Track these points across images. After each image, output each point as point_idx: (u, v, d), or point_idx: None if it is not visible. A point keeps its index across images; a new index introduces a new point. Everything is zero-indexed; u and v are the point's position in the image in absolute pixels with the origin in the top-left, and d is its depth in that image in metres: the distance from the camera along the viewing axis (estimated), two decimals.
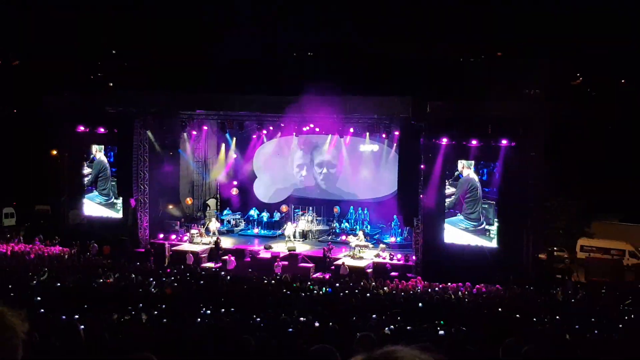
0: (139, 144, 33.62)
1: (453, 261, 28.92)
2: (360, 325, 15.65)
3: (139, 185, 33.86)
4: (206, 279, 27.04)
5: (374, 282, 27.07)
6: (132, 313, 16.69)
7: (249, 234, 36.23)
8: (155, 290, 23.88)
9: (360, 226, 34.86)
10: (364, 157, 35.37)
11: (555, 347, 11.74)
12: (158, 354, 3.39)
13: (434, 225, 30.12)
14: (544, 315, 20.57)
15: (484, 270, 28.01)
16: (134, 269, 28.96)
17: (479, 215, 29.47)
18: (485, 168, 29.40)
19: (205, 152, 39.21)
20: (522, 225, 28.99)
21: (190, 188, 38.67)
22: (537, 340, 11.29)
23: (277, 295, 23.21)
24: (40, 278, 23.30)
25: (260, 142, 37.75)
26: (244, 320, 16.04)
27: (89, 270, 27.53)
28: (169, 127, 34.18)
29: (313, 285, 26.20)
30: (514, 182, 28.88)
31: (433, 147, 29.70)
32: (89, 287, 23.70)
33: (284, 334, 12.18)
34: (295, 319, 17.09)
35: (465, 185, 29.55)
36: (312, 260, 30.90)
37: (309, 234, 34.96)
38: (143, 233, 34.30)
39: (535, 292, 26.43)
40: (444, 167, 29.74)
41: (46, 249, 32.76)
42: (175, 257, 32.65)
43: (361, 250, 31.37)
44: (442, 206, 30.00)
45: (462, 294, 25.66)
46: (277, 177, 38.00)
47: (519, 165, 28.76)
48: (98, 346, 6.57)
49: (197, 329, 10.69)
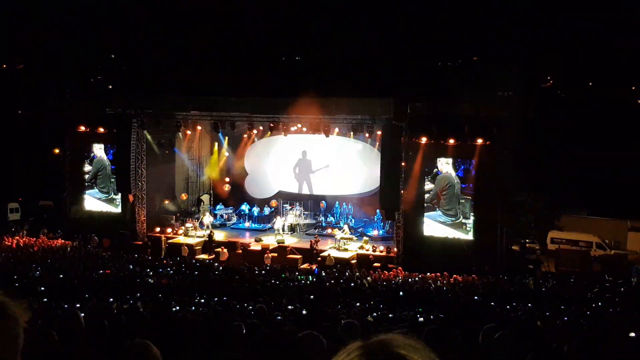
0: (136, 143, 33.52)
1: (432, 253, 29.01)
2: (344, 312, 15.65)
3: (136, 181, 33.75)
4: (200, 269, 27.02)
5: (358, 273, 27.11)
6: (131, 302, 16.65)
7: (241, 227, 36.19)
8: (152, 281, 23.84)
9: (345, 220, 34.88)
10: (348, 155, 35.38)
11: (526, 332, 11.79)
12: (154, 340, 3.36)
13: (414, 219, 30.19)
14: (517, 303, 20.66)
15: (460, 261, 28.13)
16: (132, 260, 28.91)
17: (456, 211, 29.54)
18: (462, 165, 29.49)
19: (199, 151, 39.19)
20: (495, 219, 29.08)
21: (185, 184, 38.63)
22: (510, 326, 11.32)
23: (267, 285, 23.20)
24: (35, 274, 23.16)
25: (251, 141, 37.73)
26: (236, 307, 16.03)
27: (90, 262, 27.46)
28: (165, 127, 34.12)
29: (301, 276, 26.24)
30: (489, 178, 28.98)
31: (413, 145, 29.75)
32: (89, 277, 23.62)
33: (273, 321, 12.15)
34: (284, 307, 17.09)
35: (443, 182, 29.61)
36: (300, 252, 30.90)
37: (297, 227, 34.96)
38: (141, 227, 34.21)
39: (509, 281, 26.54)
40: (423, 164, 29.81)
41: (49, 242, 32.64)
42: (171, 249, 32.62)
43: (346, 243, 31.41)
44: (422, 201, 30.06)
45: (441, 283, 25.76)
46: (267, 174, 37.97)
47: (493, 162, 28.85)
48: (98, 333, 6.53)
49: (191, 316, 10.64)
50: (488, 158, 28.83)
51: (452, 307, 19.42)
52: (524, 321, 15.26)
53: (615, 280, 27.63)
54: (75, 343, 5.89)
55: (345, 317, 12.79)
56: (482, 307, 19.71)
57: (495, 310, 18.64)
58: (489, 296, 22.39)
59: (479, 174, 29.08)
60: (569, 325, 15.40)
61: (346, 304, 19.29)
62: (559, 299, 22.53)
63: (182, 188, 38.19)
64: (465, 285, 25.18)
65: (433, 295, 22.55)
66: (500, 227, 29.15)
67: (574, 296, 23.29)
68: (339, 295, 21.56)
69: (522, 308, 19.27)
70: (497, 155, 28.83)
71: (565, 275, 28.93)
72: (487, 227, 29.14)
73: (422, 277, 26.78)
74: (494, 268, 27.94)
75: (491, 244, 29.07)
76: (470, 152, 29.03)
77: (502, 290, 24.32)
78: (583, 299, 22.74)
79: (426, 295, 22.50)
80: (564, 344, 6.06)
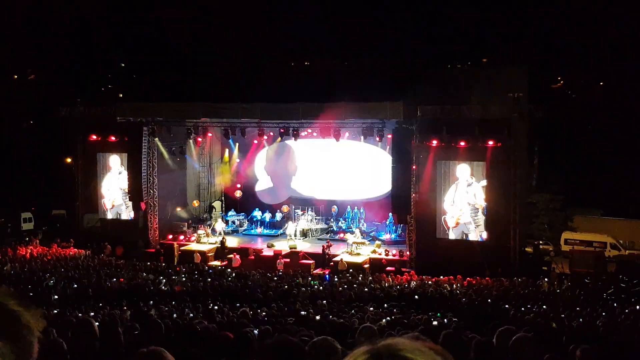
0: (147, 151, 33.64)
1: (445, 256, 28.91)
2: (358, 317, 15.62)
3: (148, 189, 33.85)
4: (213, 276, 27.05)
5: (371, 277, 27.06)
6: (144, 310, 16.67)
7: (253, 233, 36.23)
8: (166, 288, 23.88)
9: (357, 224, 34.85)
10: (359, 160, 35.33)
11: (542, 334, 11.72)
12: (168, 348, 3.35)
13: (426, 222, 30.10)
14: (532, 305, 20.55)
15: (474, 263, 28.03)
16: (145, 268, 28.98)
17: (469, 214, 29.49)
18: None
19: (210, 157, 39.27)
20: (508, 221, 28.97)
21: (197, 191, 38.71)
22: (526, 329, 11.26)
23: (280, 291, 23.19)
24: (50, 282, 23.22)
25: (262, 147, 37.77)
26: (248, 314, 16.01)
27: (103, 270, 27.55)
28: (175, 134, 34.24)
29: (314, 281, 26.22)
30: (501, 180, 28.90)
31: (424, 148, 29.70)
32: (103, 286, 23.69)
33: (286, 326, 12.14)
34: (297, 312, 17.08)
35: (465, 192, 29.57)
36: (312, 257, 30.90)
37: (308, 232, 34.95)
38: (153, 234, 34.28)
39: (523, 283, 26.41)
40: (434, 167, 29.75)
41: (62, 251, 32.78)
42: (183, 256, 32.67)
43: (358, 247, 31.38)
44: (434, 204, 29.98)
45: (454, 286, 25.67)
46: (278, 179, 38.00)
47: (504, 164, 28.77)
48: (112, 341, 6.53)
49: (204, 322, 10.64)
50: (499, 159, 28.75)
51: (466, 310, 19.35)
52: (539, 323, 15.18)
53: (631, 280, 27.42)
54: (90, 352, 5.89)
55: (358, 322, 12.76)
56: (496, 309, 19.61)
57: (509, 313, 18.54)
58: (503, 298, 22.29)
59: (491, 176, 28.99)
60: (584, 326, 15.30)
61: (359, 308, 19.25)
62: (574, 300, 22.39)
63: (193, 195, 38.26)
64: (479, 288, 25.07)
65: (447, 299, 22.47)
66: (514, 229, 29.03)
67: (589, 297, 23.14)
68: (352, 300, 21.53)
69: (537, 310, 19.17)
70: (509, 157, 28.74)
71: (580, 277, 28.76)
72: (500, 229, 29.03)
73: (436, 280, 26.71)
74: (507, 270, 27.82)
75: (504, 246, 28.95)
76: (481, 154, 28.95)
77: (516, 293, 24.20)
78: (598, 300, 22.59)
79: (440, 299, 22.42)
80: (578, 347, 6.01)
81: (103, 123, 34.25)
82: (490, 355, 5.41)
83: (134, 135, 33.24)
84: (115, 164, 35.67)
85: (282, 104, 30.62)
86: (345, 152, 35.00)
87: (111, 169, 35.79)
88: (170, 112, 32.62)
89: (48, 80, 50.13)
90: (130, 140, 33.69)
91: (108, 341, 6.43)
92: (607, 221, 40.20)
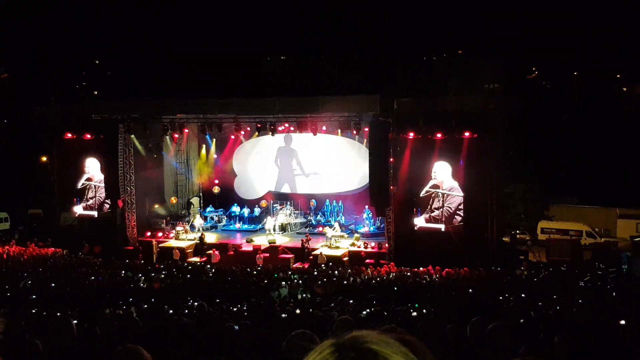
0: (124, 148, 33.38)
1: (423, 247, 29.07)
2: (338, 310, 15.65)
3: (125, 187, 33.61)
4: (192, 272, 26.96)
5: (350, 270, 27.12)
6: (124, 307, 16.58)
7: (232, 229, 36.17)
8: (144, 285, 23.76)
9: (335, 218, 34.92)
10: (337, 153, 35.38)
11: (519, 323, 11.82)
12: (146, 345, 3.35)
13: (404, 214, 30.21)
14: (510, 294, 20.71)
15: (452, 254, 28.19)
16: (123, 266, 28.82)
17: (447, 206, 29.65)
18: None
19: (187, 153, 39.10)
20: (485, 211, 29.17)
21: (174, 188, 38.56)
22: (504, 318, 11.36)
23: (260, 285, 23.17)
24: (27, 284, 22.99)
25: (239, 142, 37.68)
26: (228, 309, 16.00)
27: (81, 269, 27.34)
28: (152, 131, 34.01)
29: (293, 275, 26.21)
30: (477, 171, 29.08)
31: (401, 141, 29.81)
32: (81, 284, 23.51)
33: (266, 321, 12.14)
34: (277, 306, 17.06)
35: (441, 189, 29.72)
36: (292, 251, 30.90)
37: (287, 227, 34.97)
38: (131, 232, 34.08)
39: (501, 272, 26.62)
40: (412, 159, 29.85)
41: (39, 250, 32.49)
42: (162, 253, 32.54)
43: (337, 240, 31.45)
44: (412, 196, 30.08)
45: (433, 277, 25.80)
46: (256, 174, 37.96)
47: (481, 155, 28.95)
48: (90, 340, 6.51)
49: (183, 319, 10.62)
50: (476, 151, 28.92)
51: (445, 301, 19.46)
52: (517, 312, 15.30)
53: (606, 268, 27.77)
54: (68, 350, 5.86)
55: (337, 315, 12.79)
56: (475, 299, 19.74)
57: (488, 302, 18.68)
58: (482, 288, 22.44)
59: (468, 167, 29.16)
60: (561, 314, 15.45)
61: (339, 301, 19.29)
62: (551, 288, 22.60)
63: (171, 192, 38.11)
64: (458, 279, 25.23)
65: (426, 290, 22.57)
66: (491, 219, 29.25)
67: (566, 285, 23.38)
68: (331, 292, 21.56)
69: (515, 299, 19.32)
70: (485, 148, 28.92)
71: (557, 265, 29.06)
72: (477, 220, 29.22)
73: (414, 271, 26.84)
74: (485, 260, 28.02)
75: (482, 236, 29.16)
76: (458, 145, 29.09)
77: (494, 282, 24.38)
78: (574, 288, 22.83)
79: (419, 290, 22.52)
80: (555, 334, 6.07)
81: (78, 121, 33.92)
82: (467, 345, 5.46)
83: (110, 132, 32.92)
84: (91, 161, 35.37)
85: (258, 99, 30.58)
86: (323, 145, 35.01)
87: (87, 167, 35.50)
88: (146, 108, 32.39)
89: (21, 78, 49.62)
90: (106, 138, 33.37)
91: (86, 340, 6.41)
92: (582, 209, 40.65)
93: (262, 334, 6.80)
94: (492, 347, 5.14)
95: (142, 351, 3.17)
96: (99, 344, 6.39)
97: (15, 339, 5.45)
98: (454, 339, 5.88)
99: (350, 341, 1.55)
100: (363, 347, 1.53)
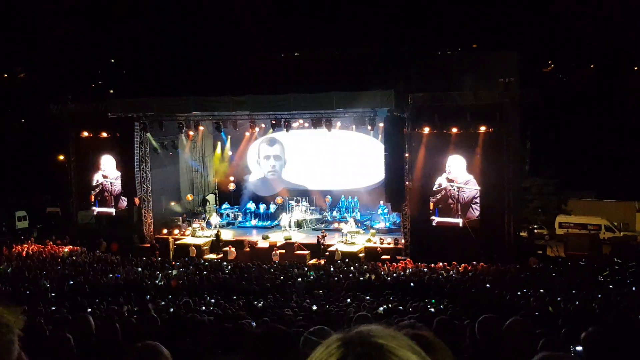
0: (140, 146, 33.54)
1: (439, 242, 28.99)
2: (355, 306, 15.66)
3: (142, 184, 33.79)
4: (209, 269, 27.07)
5: (366, 266, 27.12)
6: (141, 304, 16.68)
7: (247, 225, 36.27)
8: (161, 283, 23.89)
9: (351, 214, 34.90)
10: (352, 149, 35.34)
11: (538, 318, 11.78)
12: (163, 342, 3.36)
13: (420, 209, 30.16)
14: (528, 289, 20.62)
15: (469, 249, 28.11)
16: (140, 263, 28.99)
17: (463, 199, 29.57)
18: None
19: (203, 151, 39.22)
20: (502, 206, 29.05)
21: (190, 185, 38.67)
22: (522, 313, 11.32)
23: (276, 282, 23.22)
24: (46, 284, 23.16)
25: (254, 139, 37.75)
26: (245, 306, 16.04)
27: (99, 266, 27.53)
28: (167, 129, 34.15)
29: (310, 271, 26.25)
30: (494, 165, 28.97)
31: (416, 136, 29.76)
32: (99, 282, 23.68)
33: (283, 317, 12.17)
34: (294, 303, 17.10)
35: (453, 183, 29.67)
36: (307, 247, 30.94)
37: (303, 223, 35.01)
38: (148, 229, 34.26)
39: (518, 267, 26.51)
40: (427, 154, 29.79)
41: (58, 248, 32.75)
42: (179, 250, 32.69)
43: (353, 237, 31.45)
44: (428, 191, 30.03)
45: (450, 272, 25.74)
46: (271, 171, 38.01)
47: (497, 149, 28.84)
48: (109, 337, 6.55)
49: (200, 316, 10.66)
50: (492, 145, 28.82)
51: (462, 296, 19.41)
52: (535, 307, 15.25)
53: (625, 262, 27.55)
54: (87, 348, 5.90)
55: (354, 311, 12.80)
56: (492, 295, 19.68)
57: (505, 298, 18.62)
58: (499, 283, 22.37)
59: (484, 162, 29.06)
60: (580, 309, 15.38)
61: (356, 297, 19.30)
62: (570, 283, 22.47)
63: (187, 189, 38.24)
64: (475, 274, 25.16)
65: (443, 285, 22.53)
66: (508, 214, 29.13)
67: (585, 280, 23.23)
68: (348, 288, 21.57)
69: (533, 294, 19.24)
70: (501, 142, 28.81)
71: (575, 260, 28.88)
72: (494, 215, 29.12)
73: (431, 267, 26.79)
74: (502, 255, 27.92)
75: (499, 231, 29.05)
76: (473, 140, 29.00)
77: (512, 277, 24.29)
78: (594, 283, 22.69)
79: (436, 286, 22.48)
80: (577, 329, 6.04)
81: (94, 119, 34.15)
82: (484, 340, 5.44)
83: (126, 130, 33.09)
84: (108, 159, 35.63)
85: (272, 96, 30.56)
86: (338, 142, 35.00)
87: (104, 165, 35.75)
88: (161, 106, 32.50)
89: (38, 77, 49.97)
90: (122, 136, 33.56)
91: (105, 337, 6.45)
92: (601, 203, 40.34)
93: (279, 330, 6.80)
94: (510, 341, 5.12)
95: (161, 347, 3.18)
96: (118, 341, 6.43)
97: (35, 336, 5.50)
98: (472, 334, 5.86)
99: (357, 336, 1.55)
100: (369, 341, 1.53)
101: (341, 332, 1.59)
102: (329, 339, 1.59)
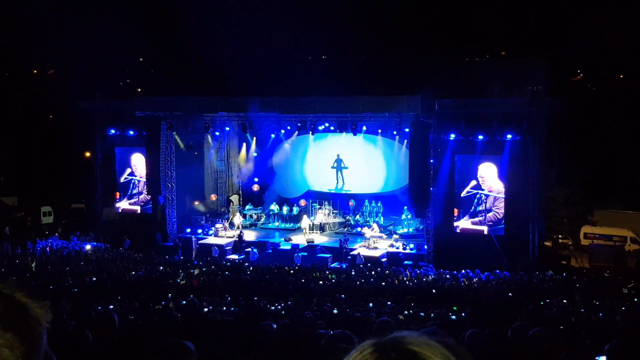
0: (165, 145, 33.73)
1: (463, 250, 28.80)
2: (376, 311, 15.63)
3: (166, 183, 33.98)
4: (231, 269, 27.15)
5: (388, 271, 27.05)
6: (162, 303, 16.79)
7: (270, 227, 36.29)
8: (183, 282, 24.02)
9: (374, 218, 34.80)
10: (377, 153, 35.27)
11: (561, 329, 11.67)
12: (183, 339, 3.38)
13: (444, 216, 30.03)
14: (550, 300, 20.45)
15: (492, 258, 27.91)
16: (163, 261, 29.16)
17: (492, 208, 29.41)
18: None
19: (228, 151, 39.34)
20: (527, 215, 28.83)
21: (214, 185, 38.79)
22: (544, 323, 11.21)
23: (297, 284, 23.24)
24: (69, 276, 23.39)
25: (279, 141, 37.78)
26: (266, 307, 16.08)
27: (122, 264, 27.74)
28: (193, 128, 34.33)
29: (331, 275, 26.23)
30: (519, 174, 28.77)
31: (442, 142, 29.62)
32: (122, 279, 23.87)
33: (304, 320, 12.17)
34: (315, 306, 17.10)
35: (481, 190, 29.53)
36: (330, 250, 30.91)
37: (326, 226, 34.96)
38: (171, 228, 34.42)
39: (542, 277, 26.28)
40: (452, 161, 29.67)
41: (82, 245, 33.05)
42: (201, 249, 32.81)
43: (375, 241, 31.37)
44: (452, 198, 29.89)
45: (472, 280, 25.58)
46: (295, 173, 38.00)
47: (523, 158, 28.64)
48: (131, 334, 6.59)
49: (221, 316, 10.70)
50: (518, 153, 28.62)
51: (484, 304, 19.29)
52: (558, 318, 15.11)
53: None
54: (110, 344, 5.94)
55: (375, 316, 12.77)
56: (514, 304, 19.54)
57: (528, 307, 18.47)
58: (522, 293, 22.20)
59: (510, 170, 28.86)
60: (603, 321, 15.21)
61: (377, 302, 19.25)
62: (594, 295, 22.25)
63: (211, 189, 38.36)
64: (498, 283, 24.98)
65: (465, 293, 22.41)
66: (532, 222, 28.89)
67: (609, 292, 22.98)
68: (369, 293, 21.53)
69: (556, 305, 19.08)
70: (528, 150, 28.60)
71: (600, 271, 28.58)
72: (518, 223, 28.89)
73: (454, 274, 26.64)
74: (526, 264, 27.69)
75: (523, 240, 28.82)
76: (499, 147, 28.82)
77: (535, 287, 24.08)
78: (618, 295, 22.44)
79: (458, 293, 22.36)
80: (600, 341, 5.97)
81: (121, 117, 34.46)
82: (508, 350, 5.40)
83: (152, 129, 33.32)
84: (134, 157, 35.90)
85: (299, 98, 30.62)
86: (363, 145, 34.94)
87: (130, 163, 36.05)
88: (188, 106, 32.72)
89: (67, 74, 50.52)
90: (149, 135, 33.79)
91: (127, 333, 6.49)
92: (627, 215, 39.82)
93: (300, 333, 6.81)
94: (533, 352, 5.07)
95: (190, 346, 3.20)
96: (139, 338, 6.47)
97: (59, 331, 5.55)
98: (495, 344, 5.82)
99: (391, 342, 1.55)
100: (404, 347, 1.52)
101: (375, 337, 1.59)
102: (363, 344, 1.58)
